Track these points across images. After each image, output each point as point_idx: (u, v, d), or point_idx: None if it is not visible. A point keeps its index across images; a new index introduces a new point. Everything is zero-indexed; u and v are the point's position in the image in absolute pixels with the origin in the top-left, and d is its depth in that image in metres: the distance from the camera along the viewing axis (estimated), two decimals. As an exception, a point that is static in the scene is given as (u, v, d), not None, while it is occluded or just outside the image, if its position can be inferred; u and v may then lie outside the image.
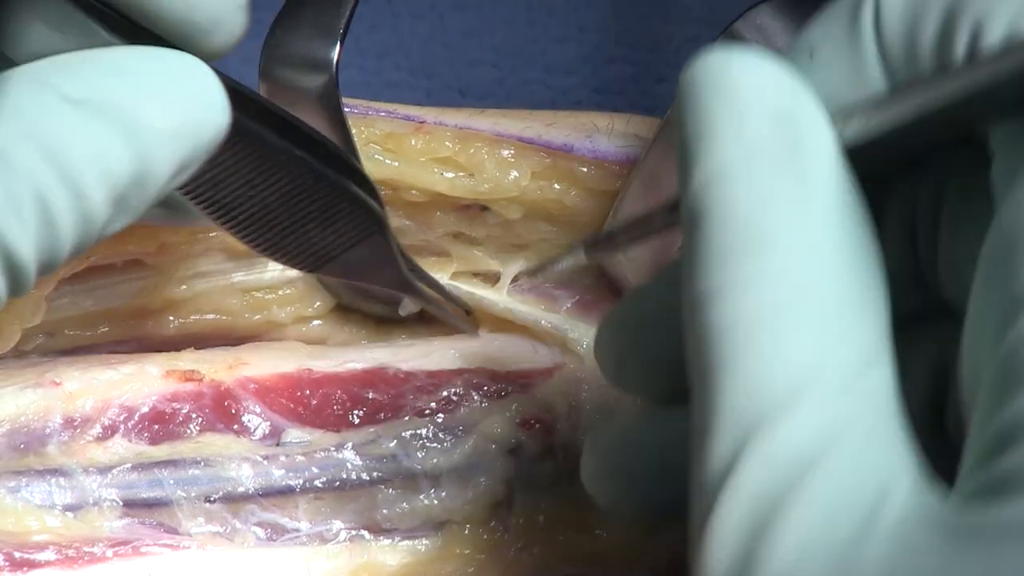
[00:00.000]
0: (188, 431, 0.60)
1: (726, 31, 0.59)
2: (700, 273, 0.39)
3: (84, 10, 0.44)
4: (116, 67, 0.43)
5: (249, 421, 0.61)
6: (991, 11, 0.39)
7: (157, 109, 0.43)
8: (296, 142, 0.51)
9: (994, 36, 0.39)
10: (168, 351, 0.64)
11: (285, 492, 0.60)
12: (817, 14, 0.43)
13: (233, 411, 0.60)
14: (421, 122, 0.64)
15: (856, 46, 0.42)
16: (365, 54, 0.82)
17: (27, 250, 0.41)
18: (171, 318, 0.66)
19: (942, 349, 0.45)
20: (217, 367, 0.63)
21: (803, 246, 0.39)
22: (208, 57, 0.47)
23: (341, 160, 0.53)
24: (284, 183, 0.51)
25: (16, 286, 0.42)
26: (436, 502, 0.60)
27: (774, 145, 0.40)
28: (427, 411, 0.61)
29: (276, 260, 0.56)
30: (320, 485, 0.60)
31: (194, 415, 0.61)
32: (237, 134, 0.48)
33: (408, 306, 0.68)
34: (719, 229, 0.39)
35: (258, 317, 0.67)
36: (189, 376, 0.62)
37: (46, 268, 0.43)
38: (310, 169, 0.51)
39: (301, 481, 0.60)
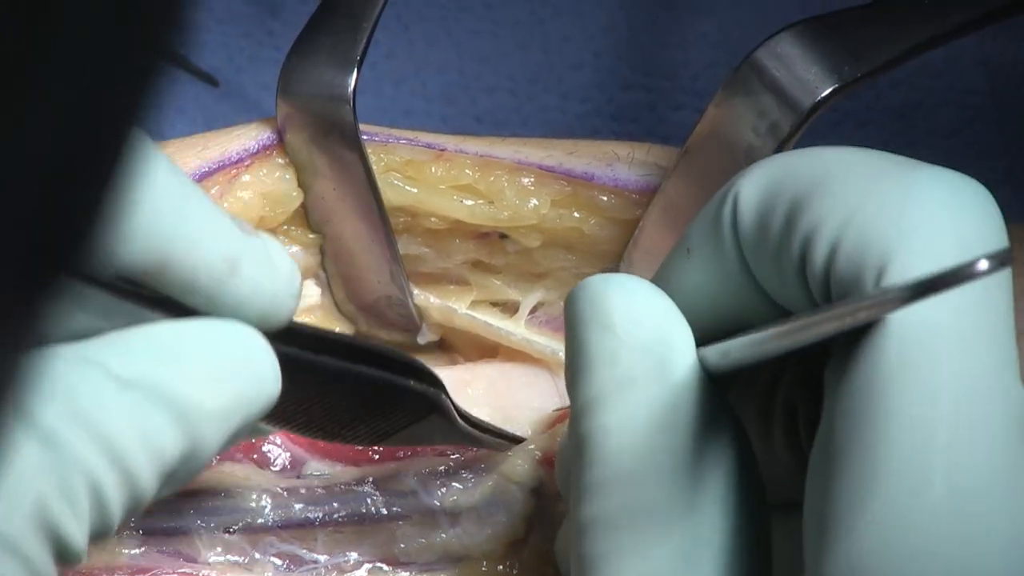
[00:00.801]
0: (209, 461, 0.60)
1: (747, 59, 0.59)
2: (582, 500, 0.44)
3: (132, 299, 0.43)
4: (166, 346, 0.43)
5: (270, 452, 0.61)
6: (817, 228, 0.42)
7: (207, 389, 0.43)
8: (353, 357, 0.50)
9: (819, 253, 0.42)
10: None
11: (304, 524, 0.60)
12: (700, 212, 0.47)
13: (254, 442, 0.60)
14: (442, 150, 0.63)
15: (720, 244, 0.45)
16: (382, 81, 0.82)
17: (79, 537, 0.41)
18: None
19: None
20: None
21: (669, 485, 0.43)
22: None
23: (395, 361, 0.52)
24: (339, 398, 0.51)
25: (68, 563, 0.42)
26: (455, 538, 0.60)
27: (645, 374, 0.44)
28: (448, 449, 0.61)
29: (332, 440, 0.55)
30: (339, 519, 0.60)
31: None
32: (294, 368, 0.47)
33: (427, 334, 0.68)
34: (595, 459, 0.44)
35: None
36: None
37: (94, 541, 0.43)
38: (367, 380, 0.51)
39: (321, 514, 0.60)
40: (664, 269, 0.49)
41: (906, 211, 0.41)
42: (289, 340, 0.47)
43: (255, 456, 0.61)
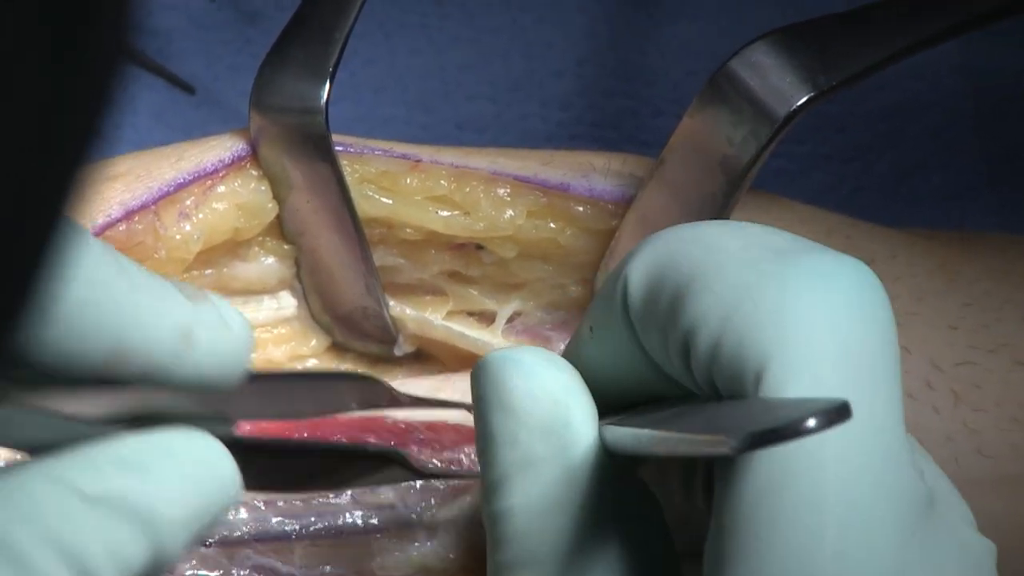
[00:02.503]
0: None
1: (722, 69, 0.58)
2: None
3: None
4: (131, 460, 0.44)
5: None
6: (697, 326, 0.43)
7: (172, 501, 0.44)
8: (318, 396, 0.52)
9: (701, 350, 0.42)
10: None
11: (281, 538, 0.59)
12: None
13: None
14: (417, 160, 0.63)
15: (613, 320, 0.46)
16: (361, 88, 0.82)
17: None
18: (166, 357, 0.65)
19: None
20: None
21: (565, 567, 0.44)
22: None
23: (366, 379, 0.54)
24: (296, 467, 0.52)
25: None
26: (432, 552, 0.60)
27: (544, 455, 0.45)
28: (429, 463, 0.61)
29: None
30: (317, 531, 0.60)
31: None
32: (247, 446, 0.48)
33: (403, 346, 0.68)
34: (501, 541, 0.45)
35: (253, 355, 0.66)
36: None
37: None
38: (324, 450, 0.52)
39: (298, 527, 0.59)
40: (571, 343, 0.50)
41: (783, 312, 0.41)
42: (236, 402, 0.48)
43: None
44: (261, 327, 0.67)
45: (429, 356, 0.69)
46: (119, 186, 0.60)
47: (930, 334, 0.61)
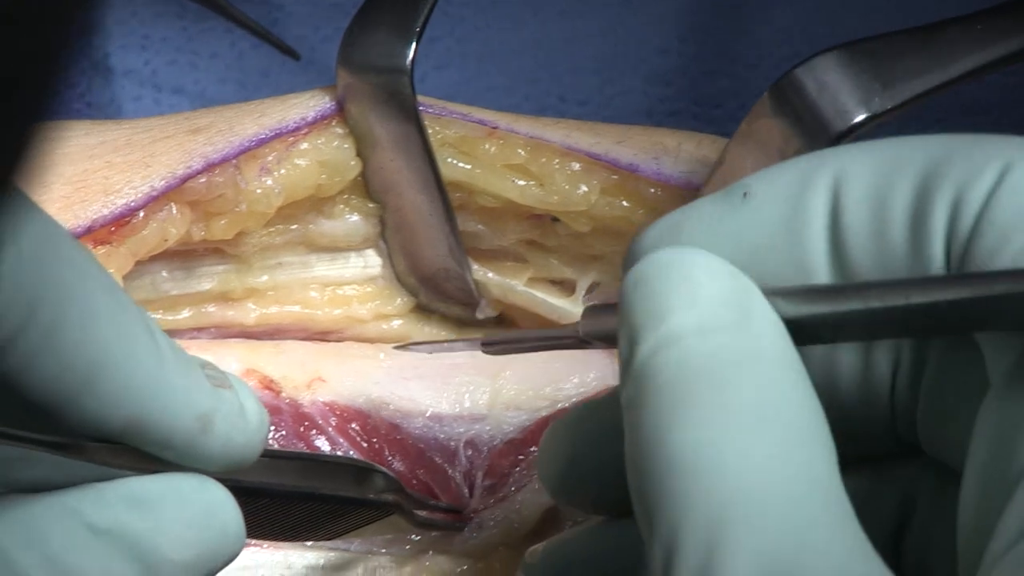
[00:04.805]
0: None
1: (786, 75, 0.58)
2: (653, 415, 0.40)
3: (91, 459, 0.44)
4: (138, 498, 0.44)
5: (323, 447, 0.62)
6: (976, 171, 0.40)
7: (174, 543, 0.44)
8: (309, 475, 0.51)
9: (979, 192, 0.39)
10: (248, 340, 0.66)
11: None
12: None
13: (311, 437, 0.61)
14: (494, 127, 0.64)
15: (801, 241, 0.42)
16: (467, 56, 0.83)
17: None
18: (252, 307, 0.67)
19: (906, 490, 0.46)
20: (296, 380, 0.64)
21: (755, 390, 0.39)
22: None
23: (353, 468, 0.54)
24: (297, 515, 0.52)
25: None
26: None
27: (725, 315, 0.40)
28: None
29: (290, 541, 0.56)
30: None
31: (271, 428, 0.62)
32: (249, 492, 0.48)
33: (485, 310, 0.69)
34: (674, 378, 0.40)
35: (339, 312, 0.68)
36: (268, 384, 0.63)
37: None
38: (323, 499, 0.52)
39: None
40: (697, 214, 0.45)
41: None
42: (244, 471, 0.48)
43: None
44: (348, 284, 0.68)
45: (511, 321, 0.70)
46: (201, 139, 0.61)
47: None
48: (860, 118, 0.57)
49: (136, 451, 0.44)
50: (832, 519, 0.38)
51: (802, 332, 0.41)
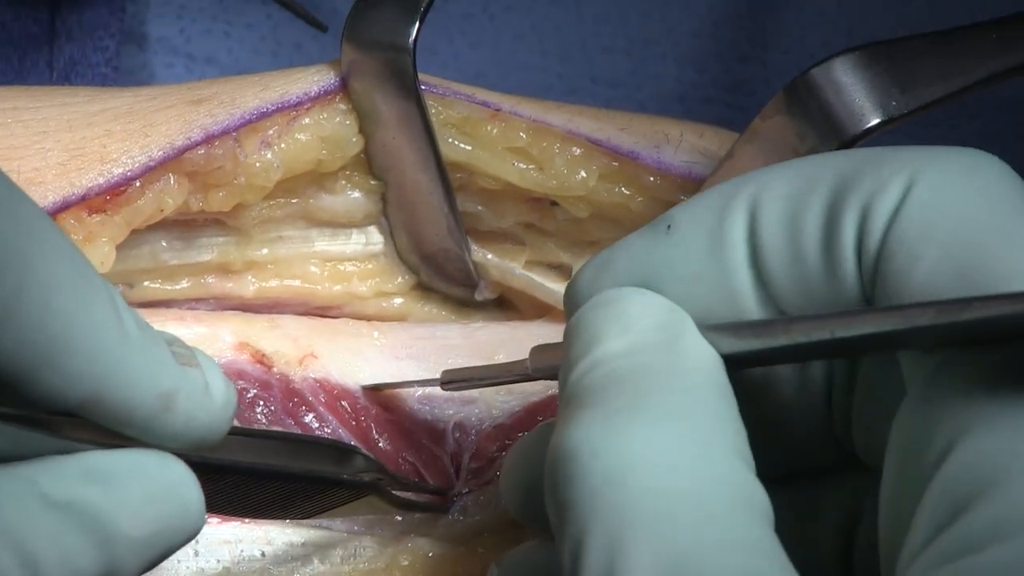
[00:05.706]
0: (254, 416, 0.62)
1: (802, 76, 0.58)
2: (574, 429, 0.41)
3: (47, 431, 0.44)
4: (96, 472, 0.44)
5: (312, 424, 0.62)
6: (882, 187, 0.41)
7: (132, 518, 0.44)
8: (284, 454, 0.51)
9: (885, 207, 0.40)
10: (245, 313, 0.66)
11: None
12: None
13: (300, 413, 0.62)
14: (497, 109, 0.64)
15: (723, 261, 0.44)
16: (501, 34, 0.82)
17: None
18: (252, 280, 0.67)
19: (852, 497, 0.47)
20: (288, 356, 0.64)
21: (667, 396, 0.41)
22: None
23: (331, 449, 0.54)
24: (270, 493, 0.51)
25: None
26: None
27: (654, 339, 0.43)
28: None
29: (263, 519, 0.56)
30: None
31: (260, 403, 0.62)
32: (220, 470, 0.48)
33: (484, 291, 0.69)
34: (594, 391, 0.42)
35: (338, 288, 0.68)
36: (260, 358, 0.63)
37: None
38: (299, 478, 0.51)
39: None
40: (631, 247, 0.48)
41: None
42: (215, 447, 0.47)
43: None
44: (349, 260, 0.68)
45: (510, 304, 0.70)
46: (202, 110, 0.61)
47: None
48: (875, 122, 0.57)
49: (99, 426, 0.44)
50: (736, 519, 0.38)
51: (737, 363, 0.43)
